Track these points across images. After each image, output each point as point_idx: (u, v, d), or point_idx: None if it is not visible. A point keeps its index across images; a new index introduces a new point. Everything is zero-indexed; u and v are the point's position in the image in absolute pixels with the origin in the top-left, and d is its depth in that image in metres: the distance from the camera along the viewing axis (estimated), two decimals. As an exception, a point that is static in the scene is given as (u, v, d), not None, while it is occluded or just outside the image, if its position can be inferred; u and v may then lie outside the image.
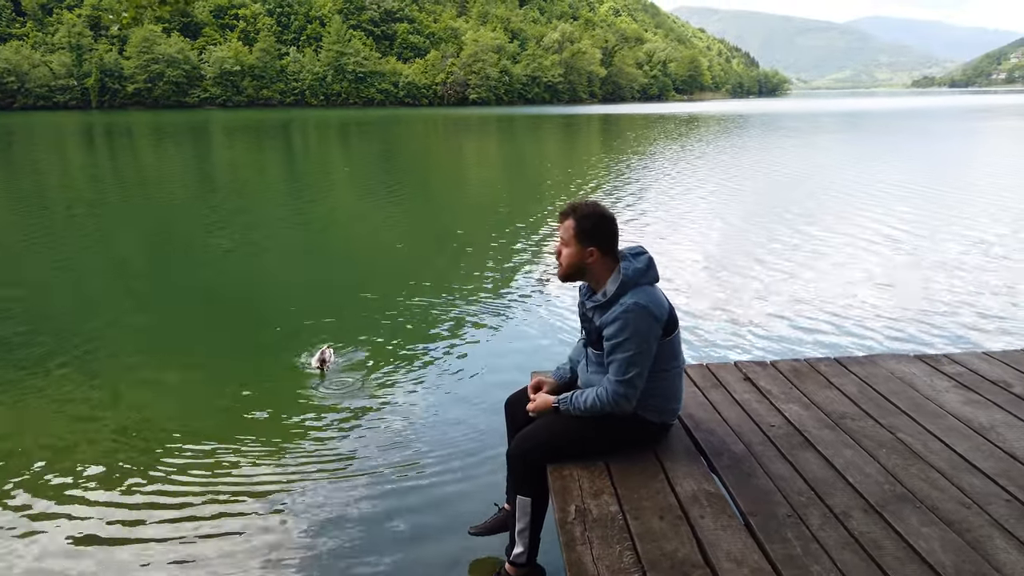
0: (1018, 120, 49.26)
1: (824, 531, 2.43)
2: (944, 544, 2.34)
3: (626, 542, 2.41)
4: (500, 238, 11.10)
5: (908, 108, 78.80)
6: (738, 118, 57.20)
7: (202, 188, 19.27)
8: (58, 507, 3.88)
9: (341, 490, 4.04)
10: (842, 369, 3.83)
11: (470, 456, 4.40)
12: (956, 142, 32.29)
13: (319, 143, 37.87)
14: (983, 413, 3.28)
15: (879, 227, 11.47)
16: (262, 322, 7.34)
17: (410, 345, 6.38)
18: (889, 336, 6.37)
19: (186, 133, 44.67)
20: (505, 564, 2.97)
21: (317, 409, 5.07)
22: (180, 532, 3.65)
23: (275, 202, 16.57)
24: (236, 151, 32.59)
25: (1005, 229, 11.22)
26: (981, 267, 8.88)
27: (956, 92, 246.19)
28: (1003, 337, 6.31)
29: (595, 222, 2.81)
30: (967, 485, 2.69)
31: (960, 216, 12.42)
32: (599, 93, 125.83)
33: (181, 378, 5.79)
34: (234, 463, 4.34)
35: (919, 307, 7.24)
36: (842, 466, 2.84)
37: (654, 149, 28.80)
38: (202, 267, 9.88)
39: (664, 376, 2.85)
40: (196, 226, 13.03)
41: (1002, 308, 7.21)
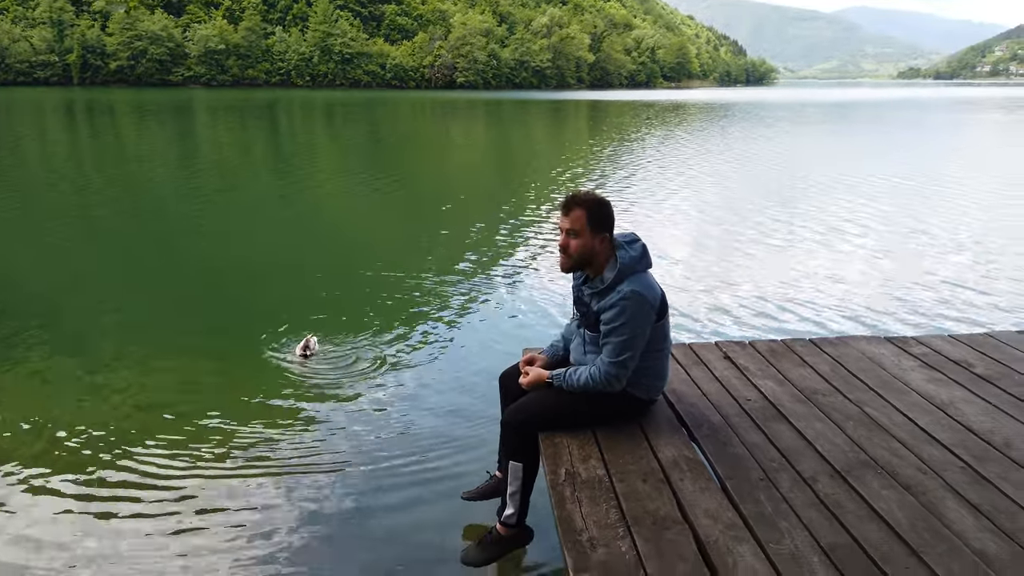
0: (1000, 114, 49.85)
1: (793, 493, 2.65)
2: (901, 505, 2.56)
3: (612, 501, 2.61)
4: (488, 222, 11.26)
5: (894, 99, 79.43)
6: (726, 107, 57.45)
7: (184, 168, 19.17)
8: (25, 494, 3.84)
9: (336, 462, 4.21)
10: (816, 349, 4.05)
11: (462, 427, 4.60)
12: (939, 134, 32.75)
13: (305, 124, 37.66)
14: (944, 390, 3.51)
15: (855, 216, 11.75)
16: (244, 304, 7.45)
17: (399, 324, 6.54)
18: (861, 319, 6.65)
19: (169, 112, 44.23)
20: (496, 524, 3.17)
21: (305, 388, 5.17)
22: (163, 518, 3.66)
23: (259, 183, 16.59)
24: (220, 131, 32.39)
25: (976, 221, 11.53)
26: (949, 256, 9.18)
27: (941, 84, 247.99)
28: (967, 321, 6.61)
29: (605, 211, 2.97)
30: (926, 454, 2.91)
31: (934, 208, 12.72)
32: (587, 79, 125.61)
33: (162, 361, 5.71)
34: (221, 440, 4.48)
35: (890, 293, 7.52)
36: (812, 436, 3.06)
37: (639, 136, 28.97)
38: (184, 248, 9.86)
39: (654, 356, 3.05)
40: (178, 207, 13.06)
41: (967, 294, 7.50)
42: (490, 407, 4.75)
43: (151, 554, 3.38)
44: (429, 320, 6.73)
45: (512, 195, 14.22)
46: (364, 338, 6.17)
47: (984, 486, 2.69)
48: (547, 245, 9.70)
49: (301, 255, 9.54)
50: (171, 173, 17.99)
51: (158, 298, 7.56)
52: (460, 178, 18.28)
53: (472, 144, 28.63)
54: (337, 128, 35.39)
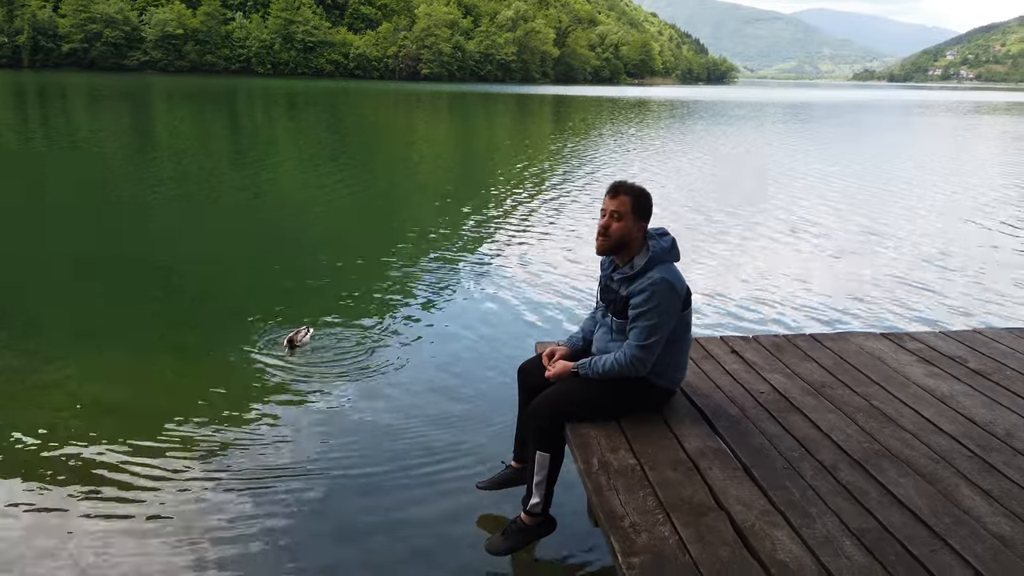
0: (952, 118, 51.40)
1: (816, 481, 2.78)
2: (919, 491, 2.71)
3: (647, 489, 2.71)
4: (473, 213, 11.31)
5: (851, 100, 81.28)
6: (690, 104, 58.16)
7: (142, 155, 18.73)
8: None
9: (346, 454, 4.25)
10: (817, 344, 4.21)
11: (474, 418, 4.68)
12: (909, 135, 33.70)
13: (266, 114, 37.07)
14: (944, 384, 3.69)
15: (843, 216, 12.11)
16: (217, 299, 7.38)
17: (393, 316, 6.59)
18: (855, 315, 6.96)
19: (124, 98, 43.05)
20: (521, 514, 3.24)
21: (302, 381, 5.19)
22: (124, 520, 3.59)
23: (220, 175, 16.32)
24: (178, 119, 31.72)
25: (959, 220, 11.98)
26: (936, 254, 9.58)
27: (895, 87, 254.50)
28: (958, 317, 6.96)
29: (647, 201, 3.11)
30: (934, 444, 3.07)
31: (916, 208, 13.16)
32: (552, 74, 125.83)
33: (118, 358, 5.59)
34: (219, 428, 4.50)
35: (880, 290, 7.86)
36: (826, 427, 3.20)
37: (609, 131, 29.22)
38: (140, 241, 9.52)
39: (677, 347, 3.17)
40: (138, 196, 12.73)
41: (956, 291, 7.90)
42: (501, 398, 4.84)
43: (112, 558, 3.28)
44: (427, 312, 6.79)
45: (477, 189, 14.27)
46: (356, 330, 6.19)
47: (992, 473, 2.85)
48: (525, 239, 9.80)
49: (273, 248, 9.47)
50: (126, 162, 17.55)
51: (112, 294, 7.30)
52: (430, 172, 18.25)
53: (439, 137, 28.54)
54: (301, 119, 34.91)
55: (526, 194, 13.63)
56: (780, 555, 2.33)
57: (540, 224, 11.02)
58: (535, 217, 11.55)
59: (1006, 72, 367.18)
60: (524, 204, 12.62)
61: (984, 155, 25.20)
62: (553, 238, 10.10)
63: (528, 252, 9.22)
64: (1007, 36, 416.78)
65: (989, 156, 24.80)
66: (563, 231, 10.61)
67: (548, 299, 7.24)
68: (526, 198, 13.21)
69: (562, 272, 8.28)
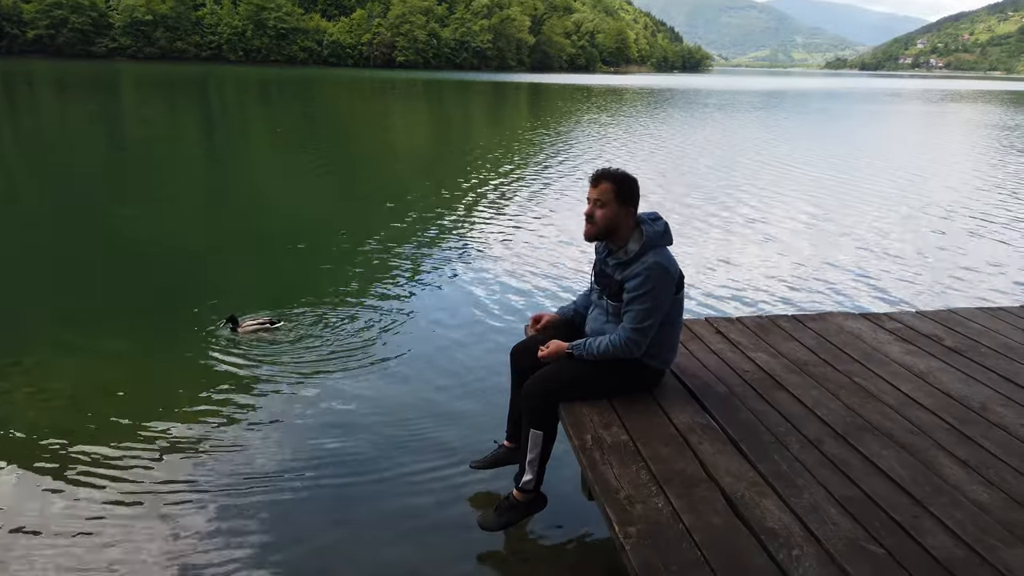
0: (922, 105, 52.17)
1: (803, 453, 2.87)
2: (901, 462, 2.81)
3: (640, 463, 2.79)
4: (462, 203, 11.33)
5: (823, 89, 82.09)
6: (668, 92, 58.38)
7: (111, 145, 18.47)
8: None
9: (337, 433, 4.30)
10: (799, 324, 4.32)
11: (466, 399, 4.75)
12: (880, 123, 34.14)
13: (239, 102, 36.62)
14: (921, 361, 3.81)
15: (817, 200, 12.28)
16: (188, 286, 7.35)
17: (380, 300, 6.61)
18: (834, 296, 7.13)
19: (93, 85, 42.27)
20: (513, 491, 3.31)
21: (290, 368, 5.23)
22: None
23: (193, 163, 16.17)
24: (149, 107, 31.24)
25: (930, 205, 12.22)
26: (911, 238, 9.82)
27: (866, 75, 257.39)
28: (933, 298, 7.19)
29: (633, 185, 3.16)
30: (914, 418, 3.19)
31: (891, 193, 13.39)
32: (527, 61, 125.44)
33: (99, 347, 5.58)
34: (202, 418, 4.52)
35: (858, 272, 8.06)
36: (811, 403, 3.30)
37: (588, 119, 29.28)
38: (114, 231, 9.42)
39: (670, 329, 3.24)
40: (105, 185, 12.56)
41: (931, 273, 8.13)
42: (493, 379, 4.92)
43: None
44: (416, 297, 6.83)
45: (459, 176, 14.27)
46: (344, 316, 6.21)
47: (969, 444, 2.97)
48: (505, 228, 9.85)
49: (249, 238, 9.44)
50: (95, 152, 17.32)
51: (77, 286, 7.13)
52: (409, 159, 18.20)
53: (417, 124, 28.42)
54: (275, 107, 34.55)
55: (509, 180, 13.67)
56: (769, 523, 2.42)
57: (525, 209, 11.08)
58: (520, 202, 11.61)
59: (975, 61, 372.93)
60: (508, 190, 12.66)
61: (953, 142, 25.64)
62: (539, 222, 10.17)
63: (515, 236, 9.29)
64: (975, 25, 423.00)
65: (958, 143, 25.23)
66: (549, 215, 10.69)
67: (537, 281, 7.34)
68: (509, 183, 13.25)
69: (550, 254, 8.37)
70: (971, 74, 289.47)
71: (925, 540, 2.34)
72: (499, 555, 3.38)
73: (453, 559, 3.30)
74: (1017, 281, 7.90)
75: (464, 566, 3.27)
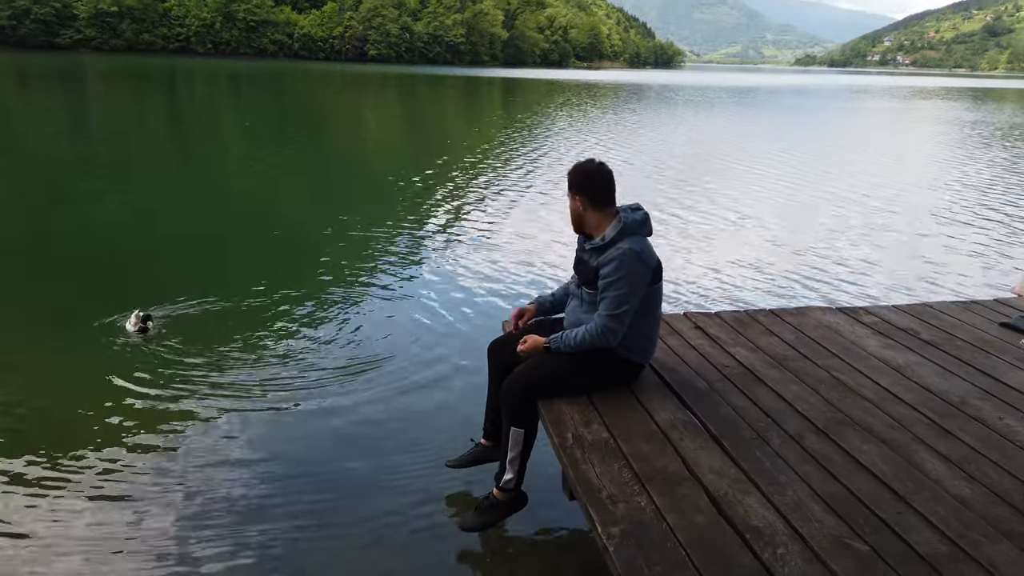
0: (890, 101, 52.93)
1: (785, 449, 2.85)
2: (882, 457, 2.80)
3: (621, 461, 2.74)
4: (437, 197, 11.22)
5: (793, 85, 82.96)
6: (643, 88, 58.59)
7: (74, 139, 17.98)
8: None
9: (315, 431, 4.20)
10: (777, 319, 4.31)
11: (442, 397, 4.68)
12: (849, 119, 34.57)
13: (207, 95, 36.02)
14: (899, 355, 3.82)
15: (791, 196, 12.37)
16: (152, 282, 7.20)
17: (356, 296, 6.51)
18: (811, 291, 7.18)
19: (56, 78, 41.24)
20: (494, 490, 3.25)
21: (262, 363, 5.14)
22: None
23: (159, 157, 15.86)
24: (115, 100, 30.60)
25: (904, 200, 12.39)
26: (888, 232, 9.92)
27: (835, 72, 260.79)
28: (907, 292, 7.26)
29: (583, 176, 3.18)
30: (894, 412, 3.18)
31: (862, 189, 13.53)
32: (501, 56, 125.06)
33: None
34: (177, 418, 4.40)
35: (834, 266, 8.13)
36: (791, 398, 3.28)
37: (563, 113, 29.26)
38: (76, 227, 9.16)
39: (648, 321, 3.20)
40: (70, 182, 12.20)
41: (905, 267, 8.24)
42: (470, 377, 4.85)
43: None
44: (391, 293, 6.73)
45: (434, 169, 14.16)
46: (316, 311, 6.11)
47: (949, 439, 2.97)
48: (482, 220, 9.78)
49: (220, 232, 9.26)
50: (58, 146, 16.90)
51: (39, 280, 6.88)
52: (383, 154, 18.03)
53: (390, 118, 28.18)
54: (245, 100, 34.04)
55: (485, 175, 13.58)
56: (753, 521, 2.39)
57: (501, 203, 11.01)
58: (496, 197, 11.53)
59: (940, 58, 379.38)
60: (484, 184, 12.58)
61: (921, 138, 26.02)
62: (515, 217, 10.11)
63: (491, 231, 9.22)
64: (941, 23, 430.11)
65: (926, 139, 25.62)
66: (525, 210, 10.63)
67: (514, 277, 7.28)
68: (485, 179, 13.16)
69: (527, 251, 8.31)
70: (936, 71, 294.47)
71: (909, 536, 2.32)
72: (479, 556, 3.31)
73: (432, 560, 3.24)
74: (988, 274, 8.01)
75: (443, 568, 3.20)
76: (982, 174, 16.05)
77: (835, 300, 6.77)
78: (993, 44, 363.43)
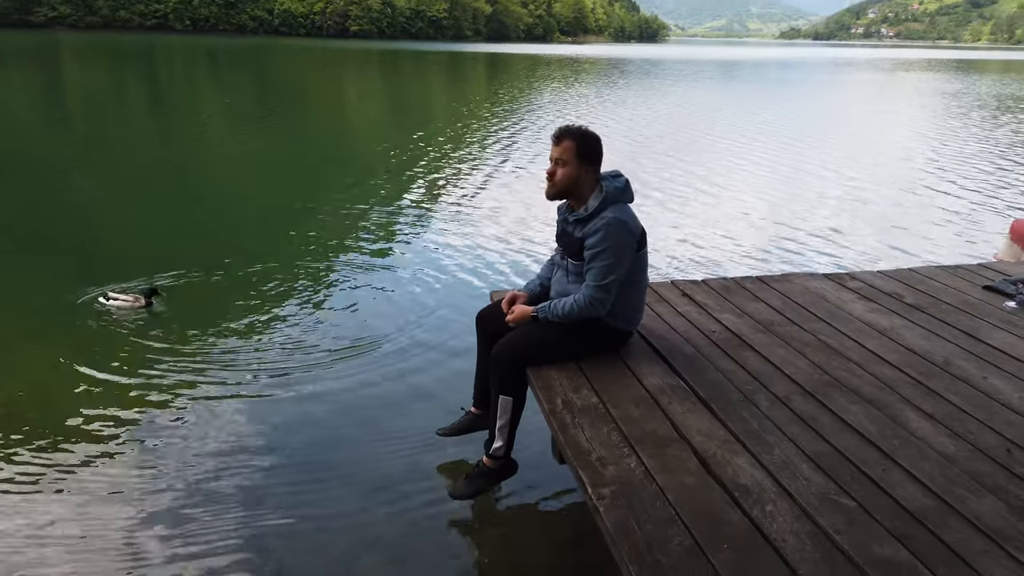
0: (874, 73, 52.97)
1: (772, 411, 2.87)
2: (868, 417, 2.83)
3: (611, 424, 2.75)
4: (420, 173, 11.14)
5: (778, 58, 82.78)
6: (627, 62, 58.25)
7: (51, 117, 17.67)
8: None
9: (304, 406, 4.19)
10: (764, 286, 4.33)
11: (432, 367, 4.67)
12: (834, 91, 34.57)
13: (185, 72, 35.45)
14: (883, 319, 3.85)
15: (777, 166, 12.39)
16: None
17: (342, 269, 6.48)
18: (797, 258, 7.25)
19: (30, 56, 40.38)
20: (484, 458, 3.26)
21: (246, 340, 5.11)
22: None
23: (139, 136, 15.64)
24: (90, 78, 30.06)
25: (888, 169, 12.45)
26: (871, 201, 9.98)
27: (820, 45, 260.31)
28: (893, 257, 7.32)
29: (595, 143, 3.08)
30: (879, 373, 3.21)
31: (849, 158, 13.57)
32: (484, 31, 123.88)
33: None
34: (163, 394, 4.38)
35: (820, 234, 8.18)
36: (778, 362, 3.30)
37: (548, 87, 29.06)
38: (49, 207, 8.98)
39: (633, 288, 3.19)
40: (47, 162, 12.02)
41: (890, 234, 8.28)
42: (459, 346, 4.85)
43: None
44: (378, 265, 6.70)
45: (418, 143, 14.06)
46: (305, 284, 6.08)
47: (934, 398, 3.00)
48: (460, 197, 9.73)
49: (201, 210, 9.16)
50: (35, 124, 16.61)
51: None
52: (367, 129, 17.87)
53: (373, 94, 27.89)
54: (225, 78, 33.55)
55: (470, 146, 13.50)
56: (742, 480, 2.41)
57: (487, 174, 10.98)
58: (482, 168, 11.49)
59: (923, 30, 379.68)
60: (469, 155, 12.52)
61: (903, 109, 26.08)
62: (502, 187, 10.09)
63: (478, 202, 9.21)
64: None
65: (908, 110, 25.68)
66: (511, 180, 10.61)
67: (501, 247, 7.28)
68: (470, 150, 13.10)
69: (514, 220, 8.30)
70: (920, 43, 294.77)
71: (895, 492, 2.35)
72: (470, 523, 3.33)
73: (423, 528, 3.25)
74: (971, 239, 8.08)
75: (435, 535, 3.22)
76: (964, 144, 16.13)
77: (822, 266, 6.82)
78: (976, 15, 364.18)
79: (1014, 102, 28.03)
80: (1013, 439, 2.69)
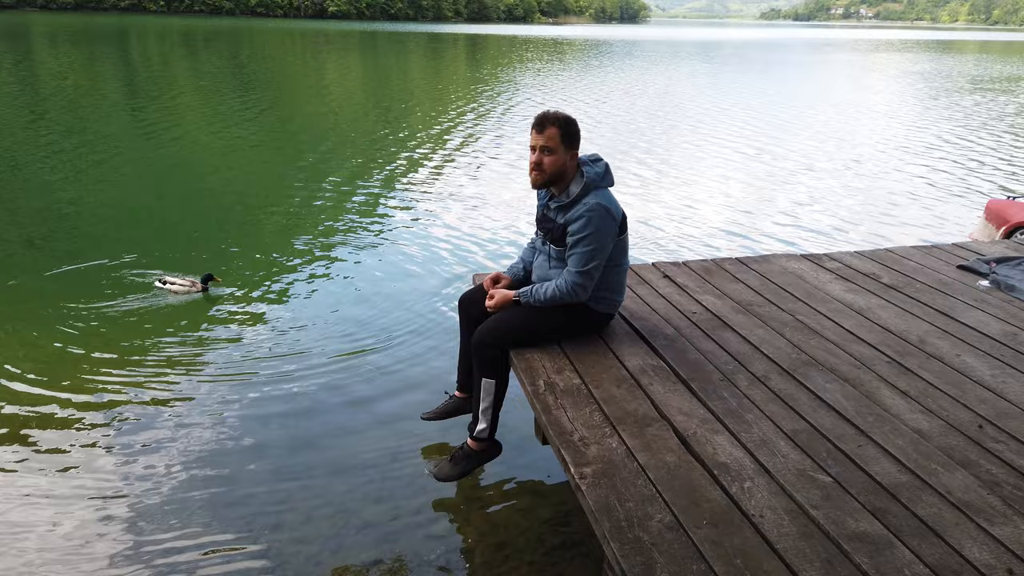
0: (851, 54, 53.20)
1: (751, 390, 2.92)
2: (845, 395, 2.88)
3: (593, 405, 2.79)
4: (404, 156, 11.08)
5: (759, 39, 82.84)
6: (614, 44, 58.02)
7: (24, 103, 17.34)
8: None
9: (290, 391, 4.19)
10: (743, 267, 4.37)
11: (415, 351, 4.68)
12: (814, 72, 34.68)
13: (160, 54, 34.87)
14: (860, 298, 3.91)
15: (755, 149, 12.44)
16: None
17: (324, 253, 6.45)
18: (776, 240, 7.32)
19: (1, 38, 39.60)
20: (468, 440, 3.28)
21: (229, 325, 5.10)
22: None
23: (116, 121, 15.41)
24: (63, 62, 29.48)
25: (864, 150, 12.53)
26: (849, 182, 10.06)
27: (800, 25, 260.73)
28: (869, 238, 7.41)
29: (575, 128, 3.07)
30: (856, 352, 3.27)
31: (824, 140, 13.66)
32: (464, 12, 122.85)
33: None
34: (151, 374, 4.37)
35: (798, 216, 8.27)
36: (757, 342, 3.35)
37: (529, 69, 28.91)
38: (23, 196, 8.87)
39: (614, 272, 3.21)
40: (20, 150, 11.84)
41: (867, 215, 8.39)
42: (442, 330, 4.86)
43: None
44: (360, 250, 6.68)
45: (400, 128, 13.97)
46: (285, 271, 6.05)
47: (909, 376, 3.06)
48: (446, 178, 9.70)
49: (180, 197, 9.07)
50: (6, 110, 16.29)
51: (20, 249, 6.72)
52: (348, 113, 17.70)
53: (353, 77, 27.60)
54: (201, 60, 33.03)
55: (451, 131, 13.43)
56: (721, 457, 2.45)
57: (468, 158, 10.95)
58: (462, 152, 11.45)
59: (902, 11, 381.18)
60: (450, 140, 12.46)
61: (880, 91, 26.25)
62: (482, 171, 10.07)
63: (459, 186, 9.18)
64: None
65: (884, 91, 25.85)
66: (492, 163, 10.58)
67: (482, 231, 7.28)
68: (451, 134, 13.03)
69: (495, 204, 8.30)
70: (899, 24, 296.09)
71: (870, 467, 2.40)
72: (455, 504, 3.37)
73: (409, 510, 3.28)
74: (944, 219, 8.19)
75: (420, 516, 3.25)
76: (939, 125, 16.29)
77: (800, 247, 6.89)
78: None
79: (989, 83, 28.29)
80: (985, 415, 2.76)
